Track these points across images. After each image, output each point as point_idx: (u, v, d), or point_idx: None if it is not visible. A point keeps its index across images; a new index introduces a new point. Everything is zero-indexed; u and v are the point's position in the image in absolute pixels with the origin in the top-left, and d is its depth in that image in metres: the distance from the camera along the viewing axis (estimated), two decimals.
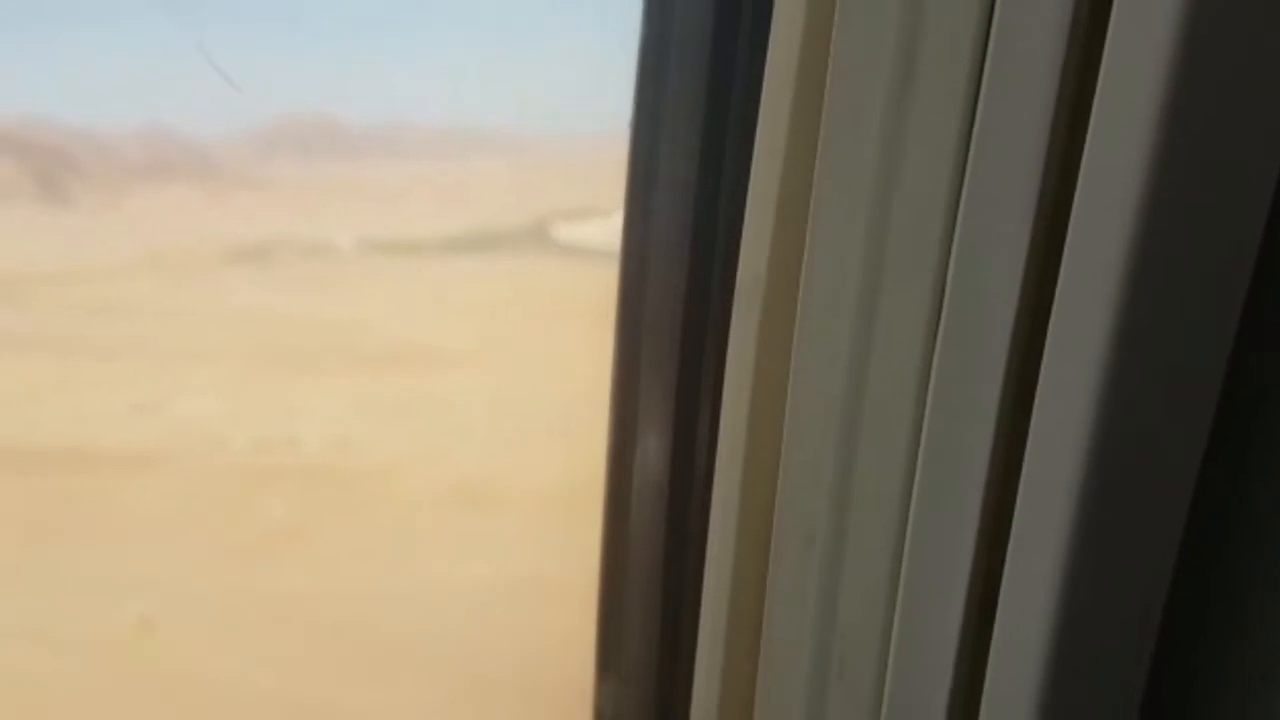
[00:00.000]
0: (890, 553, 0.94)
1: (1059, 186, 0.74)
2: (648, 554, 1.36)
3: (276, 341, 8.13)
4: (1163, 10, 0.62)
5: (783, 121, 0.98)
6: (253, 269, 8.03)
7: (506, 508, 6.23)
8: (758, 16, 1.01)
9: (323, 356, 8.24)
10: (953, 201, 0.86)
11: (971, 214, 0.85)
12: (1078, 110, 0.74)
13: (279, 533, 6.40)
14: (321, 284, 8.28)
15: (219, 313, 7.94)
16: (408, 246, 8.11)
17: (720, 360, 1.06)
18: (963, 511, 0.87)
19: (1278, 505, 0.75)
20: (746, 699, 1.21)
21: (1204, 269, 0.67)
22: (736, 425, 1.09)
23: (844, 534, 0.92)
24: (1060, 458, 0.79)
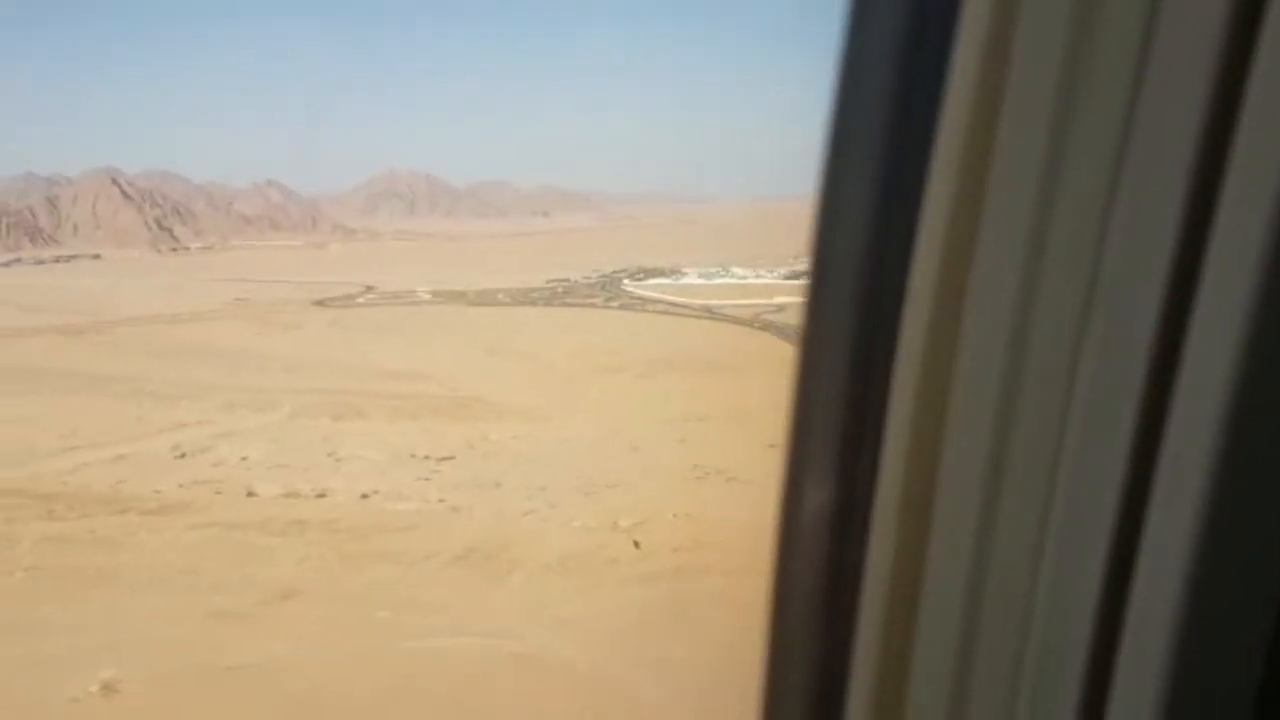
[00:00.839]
0: (1035, 532, 1.16)
1: (1203, 202, 0.95)
2: (813, 583, 1.65)
3: (337, 389, 36.54)
4: None
5: (948, 194, 1.20)
6: (332, 317, 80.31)
7: (511, 575, 21.94)
8: (933, 89, 1.22)
9: (378, 406, 48.97)
10: (1099, 252, 1.06)
11: (1116, 252, 1.04)
12: (1223, 135, 0.92)
13: (276, 592, 20.45)
14: (393, 334, 45.85)
15: (289, 359, 39.47)
16: (485, 298, 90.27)
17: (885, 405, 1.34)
18: (1100, 511, 1.08)
19: None
20: (900, 685, 1.38)
21: None
22: (901, 425, 1.31)
23: (995, 520, 1.20)
24: (1192, 458, 0.96)
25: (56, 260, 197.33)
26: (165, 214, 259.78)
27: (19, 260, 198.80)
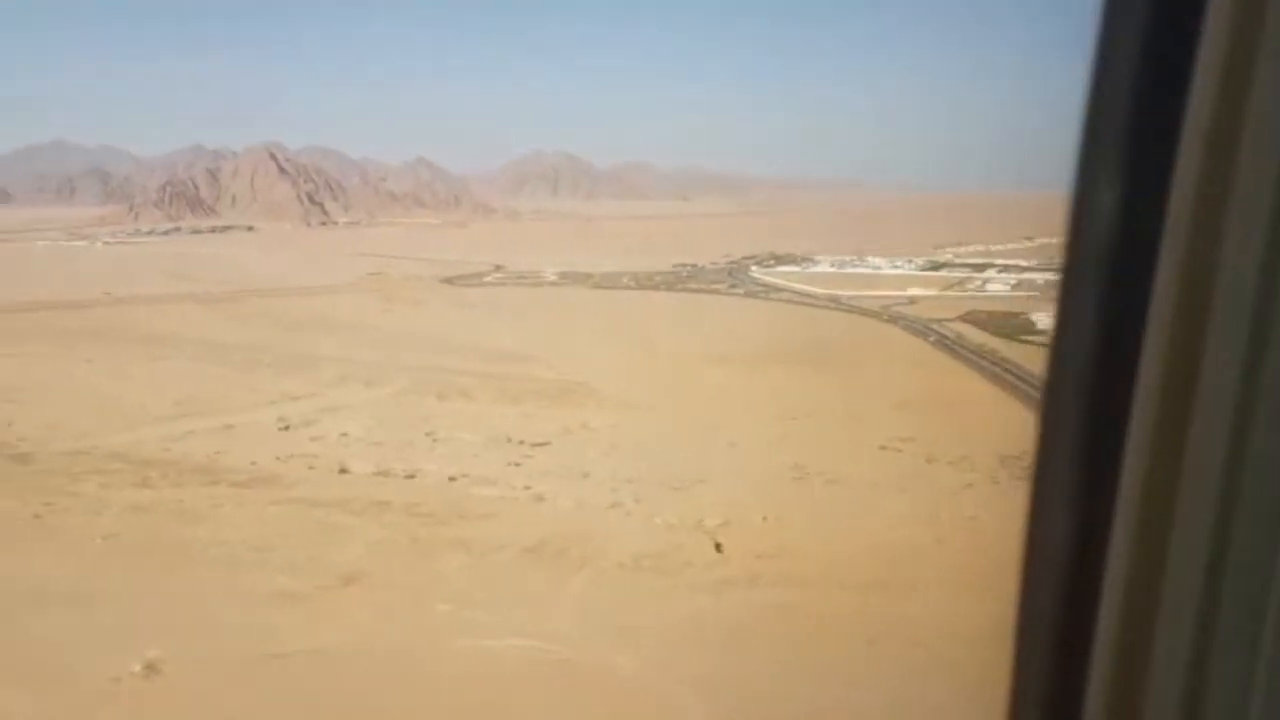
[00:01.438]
0: (1268, 561, 1.28)
1: None
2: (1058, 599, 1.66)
3: (447, 368, 52.31)
4: None
5: (1189, 210, 1.29)
6: (457, 295, 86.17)
7: (580, 572, 25.85)
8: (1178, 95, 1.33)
9: (484, 386, 48.71)
10: None
11: None
12: None
13: (342, 576, 25.21)
14: (512, 314, 75.33)
15: (407, 336, 61.64)
16: (609, 281, 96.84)
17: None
18: None
19: None
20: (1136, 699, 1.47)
21: None
22: (1142, 445, 1.39)
23: (1229, 543, 1.31)
24: None
25: (213, 230, 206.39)
26: (318, 189, 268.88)
27: (178, 229, 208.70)
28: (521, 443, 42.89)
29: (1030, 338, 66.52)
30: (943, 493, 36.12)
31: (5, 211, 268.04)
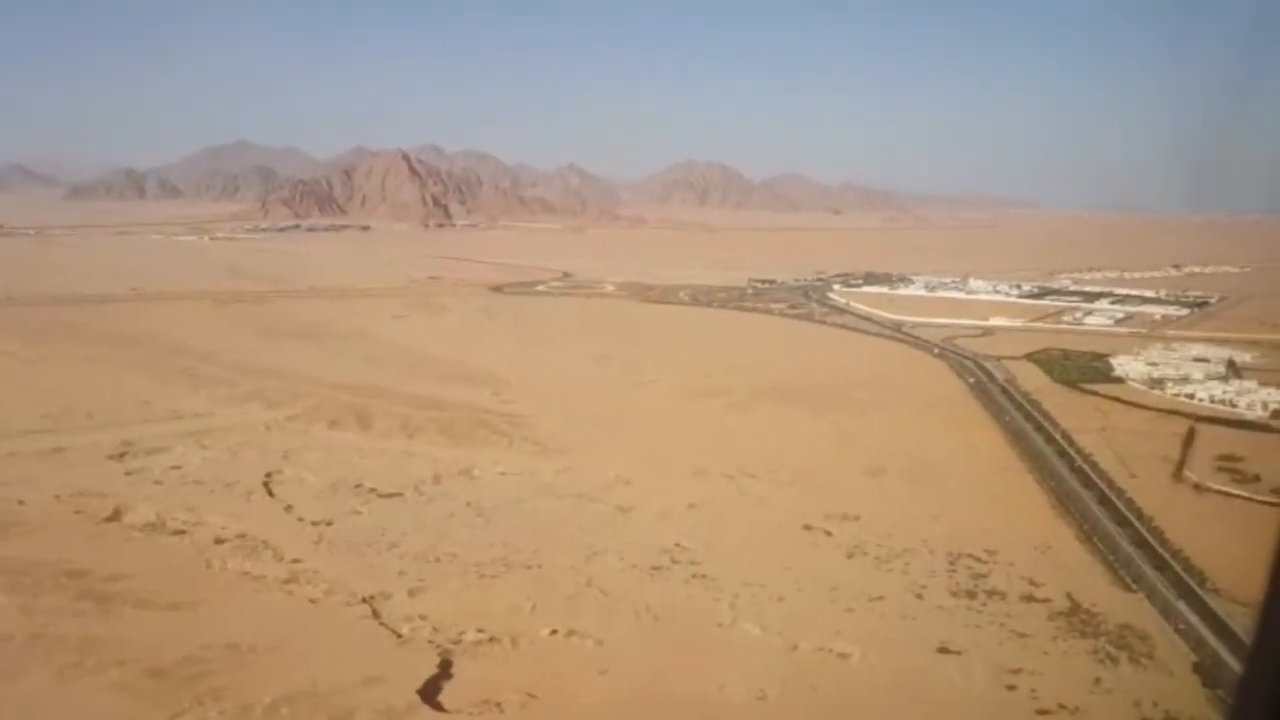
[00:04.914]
0: None
1: None
2: None
3: (377, 388, 48.25)
4: None
5: None
6: (489, 303, 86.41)
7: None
8: None
9: (394, 414, 43.80)
10: None
11: None
12: None
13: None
14: (525, 327, 72.96)
15: (381, 348, 60.02)
16: (667, 295, 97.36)
17: None
18: None
19: None
20: None
21: None
22: None
23: None
24: None
25: (328, 229, 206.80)
26: (445, 191, 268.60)
27: (297, 227, 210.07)
28: (371, 491, 34.44)
29: (1095, 387, 55.33)
30: (831, 611, 25.55)
31: (165, 206, 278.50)
